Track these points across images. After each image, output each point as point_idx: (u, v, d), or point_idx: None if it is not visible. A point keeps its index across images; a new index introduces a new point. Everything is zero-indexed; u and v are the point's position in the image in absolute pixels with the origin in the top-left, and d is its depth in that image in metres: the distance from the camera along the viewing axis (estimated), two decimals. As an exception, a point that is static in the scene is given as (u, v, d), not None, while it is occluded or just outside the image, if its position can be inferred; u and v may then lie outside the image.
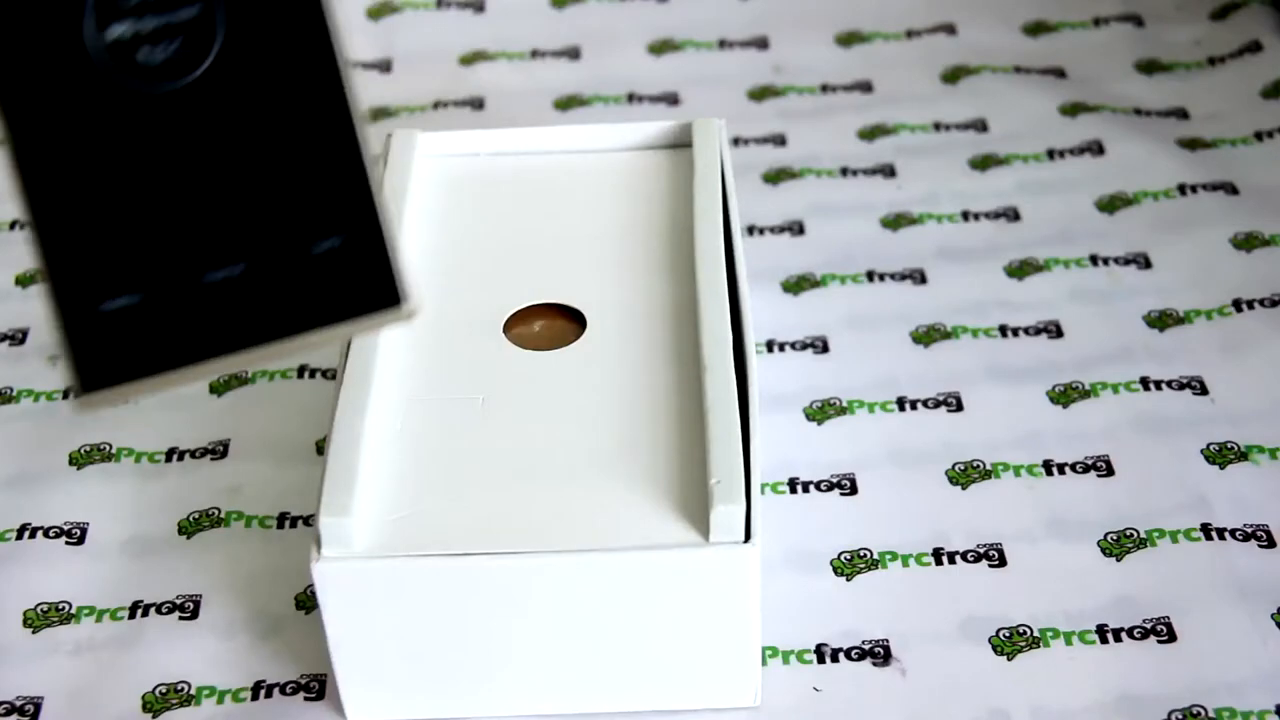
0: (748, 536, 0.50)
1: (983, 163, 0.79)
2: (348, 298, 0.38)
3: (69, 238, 0.37)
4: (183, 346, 0.38)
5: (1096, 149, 0.79)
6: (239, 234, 0.38)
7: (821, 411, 0.65)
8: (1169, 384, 0.66)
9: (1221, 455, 0.62)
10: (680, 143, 0.66)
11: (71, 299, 0.37)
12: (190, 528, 0.61)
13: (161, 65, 0.37)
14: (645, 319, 0.58)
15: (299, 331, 0.38)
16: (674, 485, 0.52)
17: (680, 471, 0.52)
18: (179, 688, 0.56)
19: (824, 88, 0.86)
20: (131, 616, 0.58)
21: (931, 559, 0.59)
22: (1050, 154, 0.79)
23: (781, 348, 0.69)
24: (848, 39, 0.89)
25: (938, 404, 0.65)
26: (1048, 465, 0.62)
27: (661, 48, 0.89)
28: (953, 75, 0.86)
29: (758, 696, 0.54)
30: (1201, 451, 0.63)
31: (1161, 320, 0.69)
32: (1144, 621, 0.56)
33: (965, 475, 0.62)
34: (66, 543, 0.61)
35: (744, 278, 0.60)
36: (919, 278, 0.72)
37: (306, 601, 0.58)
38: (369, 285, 0.38)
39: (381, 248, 0.38)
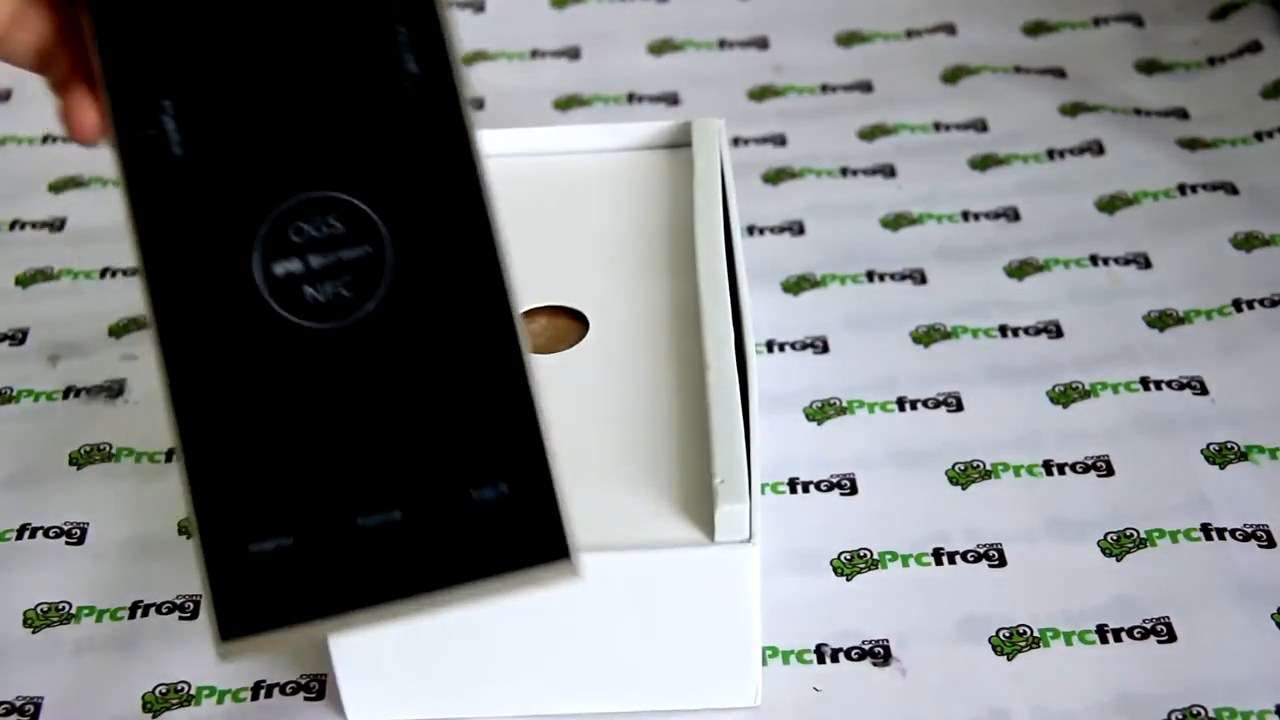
0: (749, 536, 0.50)
1: (983, 163, 0.79)
2: (510, 549, 0.35)
3: (220, 473, 0.35)
4: (331, 595, 0.35)
5: (1096, 149, 0.79)
6: (397, 476, 0.35)
7: (821, 411, 0.65)
8: (1169, 384, 0.66)
9: (1221, 455, 0.62)
10: (680, 143, 0.66)
11: (218, 538, 0.35)
12: (190, 528, 0.61)
13: (327, 303, 0.36)
14: (647, 319, 0.58)
15: (454, 584, 0.35)
16: (676, 485, 0.51)
17: (682, 471, 0.52)
18: (179, 688, 0.56)
19: (824, 88, 0.86)
20: (131, 616, 0.58)
21: (931, 559, 0.59)
22: (1050, 154, 0.79)
23: (781, 348, 0.69)
24: (848, 39, 0.89)
25: (938, 404, 0.65)
26: (1048, 465, 0.62)
27: (661, 48, 0.89)
28: (953, 75, 0.86)
29: (758, 696, 0.54)
30: (1201, 451, 0.63)
31: (1161, 320, 0.69)
32: (1144, 621, 0.56)
33: (965, 475, 0.62)
34: (66, 543, 0.61)
35: (744, 278, 0.60)
36: (919, 278, 0.72)
37: (306, 601, 0.58)
38: (533, 537, 0.35)
39: (550, 498, 0.35)
